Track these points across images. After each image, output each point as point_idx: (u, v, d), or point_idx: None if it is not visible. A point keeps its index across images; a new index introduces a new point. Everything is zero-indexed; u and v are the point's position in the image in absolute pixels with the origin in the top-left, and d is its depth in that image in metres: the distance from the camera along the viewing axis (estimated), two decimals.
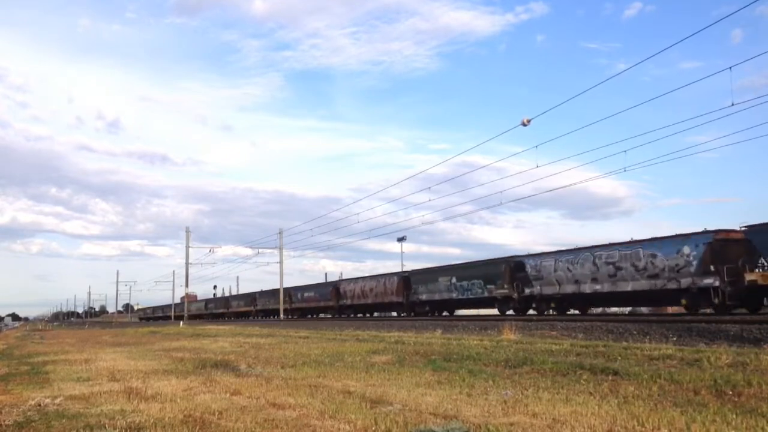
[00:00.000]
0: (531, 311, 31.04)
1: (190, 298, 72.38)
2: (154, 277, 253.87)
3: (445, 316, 39.22)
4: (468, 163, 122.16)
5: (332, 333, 22.18)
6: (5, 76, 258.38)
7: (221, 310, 79.56)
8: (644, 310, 36.18)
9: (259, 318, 62.93)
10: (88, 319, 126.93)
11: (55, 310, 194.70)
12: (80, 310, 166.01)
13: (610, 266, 25.13)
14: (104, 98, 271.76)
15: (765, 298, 22.23)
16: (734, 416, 5.49)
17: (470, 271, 35.09)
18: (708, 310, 22.26)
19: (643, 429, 5.20)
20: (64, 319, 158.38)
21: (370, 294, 44.70)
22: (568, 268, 27.55)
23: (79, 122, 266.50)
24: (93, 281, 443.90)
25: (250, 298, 70.49)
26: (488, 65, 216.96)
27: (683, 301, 23.24)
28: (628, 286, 24.34)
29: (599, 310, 33.92)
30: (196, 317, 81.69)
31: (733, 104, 17.39)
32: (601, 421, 5.48)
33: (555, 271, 28.38)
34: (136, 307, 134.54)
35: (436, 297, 37.50)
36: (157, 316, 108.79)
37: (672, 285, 22.80)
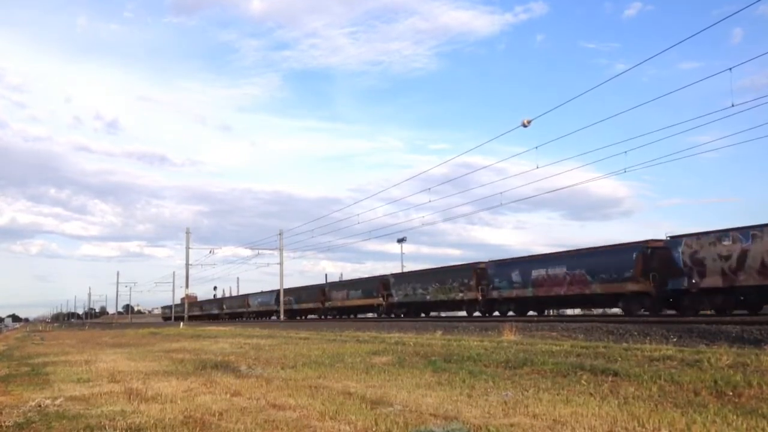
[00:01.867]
0: None
1: (190, 299, 72.13)
2: (154, 278, 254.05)
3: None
4: (468, 164, 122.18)
5: (332, 334, 22.18)
6: (2, 76, 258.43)
7: (312, 305, 56.25)
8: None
9: (391, 317, 41.07)
10: (88, 320, 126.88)
11: (55, 311, 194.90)
12: (80, 311, 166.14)
13: None
14: (102, 98, 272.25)
15: None
16: (734, 417, 5.49)
17: None
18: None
19: (644, 430, 5.20)
20: (65, 320, 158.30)
21: None
22: None
23: (78, 122, 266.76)
24: (93, 282, 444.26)
25: (378, 283, 45.19)
26: (488, 65, 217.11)
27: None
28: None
29: None
30: (259, 315, 67.90)
31: (733, 105, 17.29)
32: (602, 421, 5.48)
33: None
34: (136, 308, 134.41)
35: None
36: (192, 314, 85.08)
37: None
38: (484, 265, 33.44)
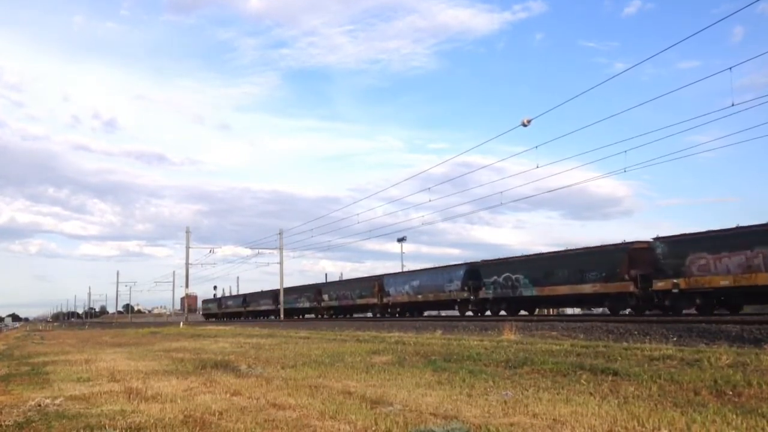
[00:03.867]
0: None
1: (190, 298, 71.95)
2: (154, 278, 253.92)
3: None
4: (468, 163, 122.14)
5: (332, 333, 22.18)
6: (0, 75, 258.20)
7: (564, 288, 29.89)
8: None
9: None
10: (88, 320, 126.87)
11: (55, 311, 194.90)
12: (80, 311, 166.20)
13: None
14: (100, 97, 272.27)
15: None
16: (734, 416, 5.49)
17: None
18: None
19: (644, 429, 5.19)
20: (65, 319, 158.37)
21: None
22: None
23: (76, 121, 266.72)
24: (93, 281, 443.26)
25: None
26: (487, 64, 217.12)
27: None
28: None
29: None
30: (344, 309, 49.42)
31: (733, 104, 17.35)
32: (602, 421, 5.48)
33: None
34: (136, 308, 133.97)
35: None
36: (255, 308, 68.07)
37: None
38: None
